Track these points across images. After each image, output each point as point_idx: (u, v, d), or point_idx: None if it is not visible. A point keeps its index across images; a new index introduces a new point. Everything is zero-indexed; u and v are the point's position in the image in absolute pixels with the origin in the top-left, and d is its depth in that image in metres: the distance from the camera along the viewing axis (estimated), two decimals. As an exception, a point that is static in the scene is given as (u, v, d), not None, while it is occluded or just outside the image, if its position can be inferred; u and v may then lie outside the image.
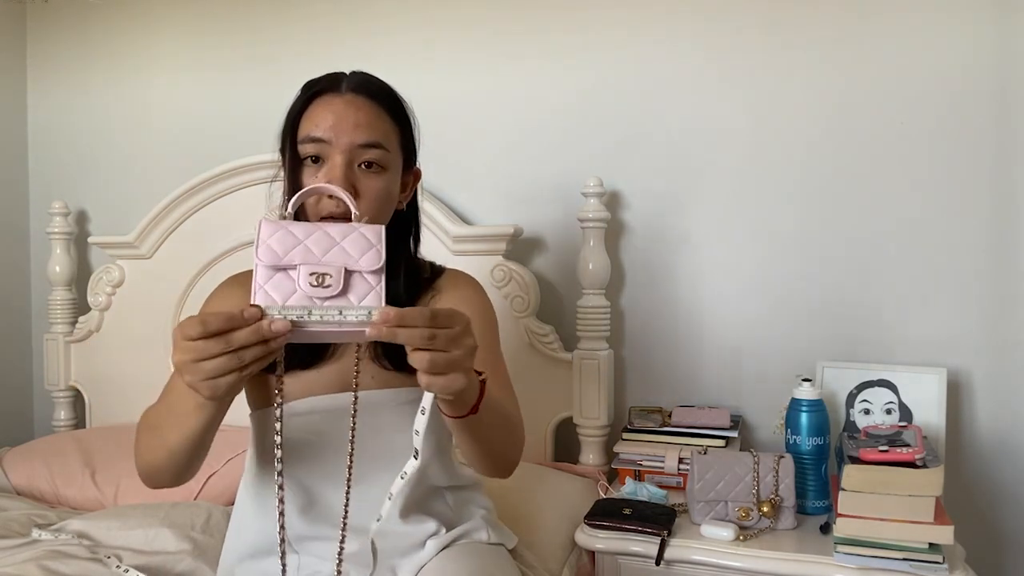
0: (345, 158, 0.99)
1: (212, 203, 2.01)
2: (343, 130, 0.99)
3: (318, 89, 1.03)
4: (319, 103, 1.02)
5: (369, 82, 1.06)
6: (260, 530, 1.06)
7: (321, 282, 0.73)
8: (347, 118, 1.00)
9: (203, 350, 0.72)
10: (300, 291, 0.73)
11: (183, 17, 2.20)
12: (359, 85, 1.04)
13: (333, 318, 0.71)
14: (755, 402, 1.74)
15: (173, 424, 0.89)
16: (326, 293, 0.73)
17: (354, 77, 1.05)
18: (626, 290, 1.85)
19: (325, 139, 0.99)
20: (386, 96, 1.06)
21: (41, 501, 1.69)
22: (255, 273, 0.75)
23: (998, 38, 1.57)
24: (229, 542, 1.14)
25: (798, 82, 1.70)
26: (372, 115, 1.02)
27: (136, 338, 2.08)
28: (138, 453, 0.98)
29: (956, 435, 1.61)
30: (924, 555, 1.19)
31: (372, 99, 1.03)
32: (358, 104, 1.02)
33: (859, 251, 1.67)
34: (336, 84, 1.03)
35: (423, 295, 1.12)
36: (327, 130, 0.99)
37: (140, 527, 1.37)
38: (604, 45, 1.83)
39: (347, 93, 1.02)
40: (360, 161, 1.00)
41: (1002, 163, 1.58)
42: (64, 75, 2.33)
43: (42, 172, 2.37)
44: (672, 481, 1.58)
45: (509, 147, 1.91)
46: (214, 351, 0.72)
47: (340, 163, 0.99)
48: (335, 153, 0.99)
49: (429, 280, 1.13)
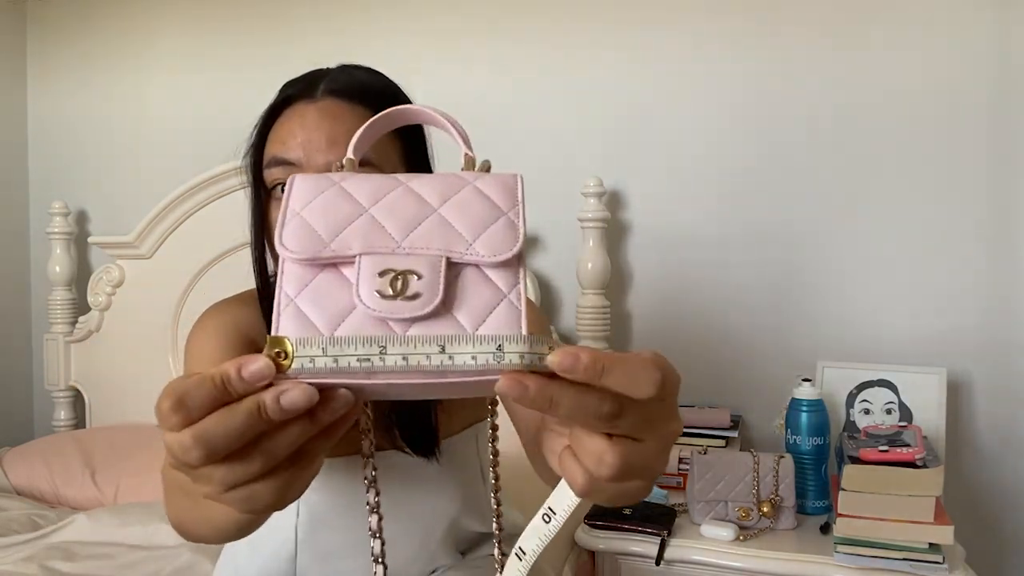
0: None
1: (212, 203, 2.01)
2: (316, 148, 0.76)
3: (289, 94, 0.81)
4: (289, 113, 0.80)
5: (355, 79, 0.82)
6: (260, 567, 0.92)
7: (402, 288, 0.39)
8: (320, 133, 0.77)
9: (184, 455, 0.39)
10: (362, 307, 0.39)
11: (183, 17, 2.20)
12: (341, 87, 0.80)
13: (428, 362, 0.37)
14: (755, 402, 1.74)
15: (208, 520, 0.56)
16: (412, 311, 0.39)
17: (336, 76, 0.82)
18: (626, 290, 1.85)
19: (294, 161, 0.77)
20: (375, 97, 0.80)
21: (41, 501, 1.69)
22: (279, 276, 0.42)
23: (998, 38, 1.58)
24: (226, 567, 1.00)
25: (798, 82, 1.70)
26: (355, 125, 0.71)
27: (136, 338, 2.08)
28: (171, 513, 0.67)
29: (956, 435, 1.61)
30: (924, 555, 1.19)
31: (357, 102, 0.80)
32: (336, 112, 0.78)
33: (859, 251, 1.67)
34: (311, 88, 0.80)
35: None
36: (296, 148, 0.77)
37: (139, 523, 1.38)
38: (604, 45, 1.83)
39: (323, 98, 0.79)
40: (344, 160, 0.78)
41: (1002, 163, 1.58)
42: (64, 75, 2.33)
43: (42, 172, 2.37)
44: (672, 481, 1.58)
45: (509, 147, 1.91)
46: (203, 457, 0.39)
47: None
48: None
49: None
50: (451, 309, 0.39)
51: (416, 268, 0.39)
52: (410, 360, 0.37)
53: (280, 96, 0.82)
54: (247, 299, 0.91)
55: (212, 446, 0.39)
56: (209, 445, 0.39)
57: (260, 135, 0.83)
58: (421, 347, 0.37)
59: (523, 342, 0.37)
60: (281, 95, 0.83)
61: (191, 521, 0.62)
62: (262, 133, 0.82)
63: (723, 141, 1.76)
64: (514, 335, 0.37)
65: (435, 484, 0.90)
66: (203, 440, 0.38)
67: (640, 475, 0.43)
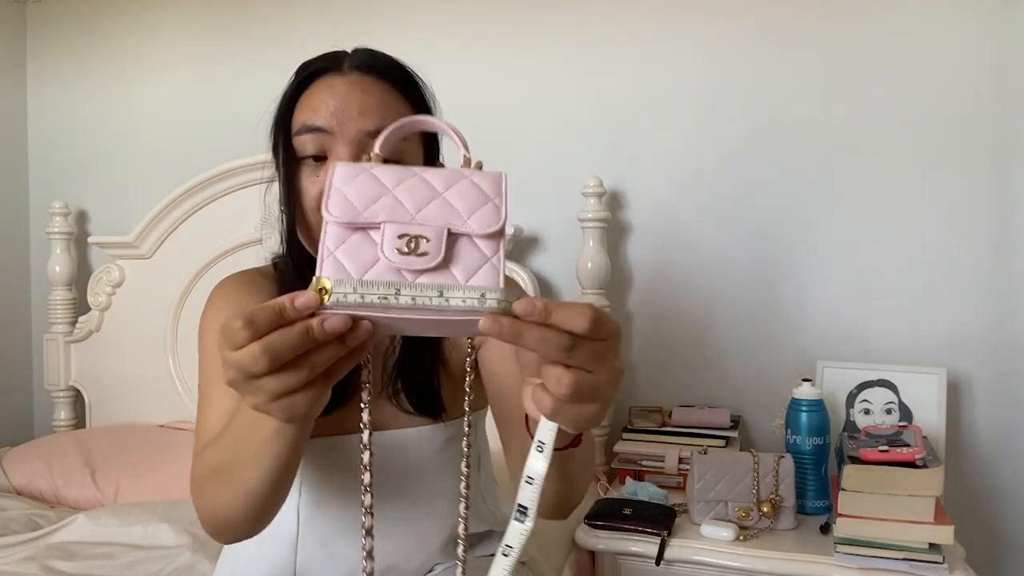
0: (352, 150, 0.82)
1: (212, 203, 2.01)
2: (348, 116, 0.82)
3: (315, 69, 0.86)
4: (317, 86, 0.85)
5: (376, 58, 0.88)
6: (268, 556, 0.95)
7: (414, 248, 0.52)
8: (352, 102, 0.83)
9: (253, 364, 0.51)
10: (384, 260, 0.52)
11: (183, 17, 2.20)
12: (364, 62, 0.86)
13: (430, 303, 0.50)
14: (755, 402, 1.74)
15: (246, 461, 0.67)
16: (420, 264, 0.51)
17: (358, 54, 0.88)
18: (626, 290, 1.85)
19: (327, 128, 0.82)
20: (398, 73, 0.88)
21: (41, 501, 1.69)
22: (323, 234, 0.54)
23: (998, 38, 1.58)
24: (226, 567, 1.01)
25: (797, 82, 1.70)
26: (383, 97, 0.85)
27: (136, 338, 2.08)
28: (203, 507, 0.77)
29: (956, 435, 1.61)
30: (924, 555, 1.19)
31: (381, 78, 0.86)
32: (364, 85, 0.84)
33: (859, 251, 1.67)
34: (337, 63, 0.86)
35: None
36: (328, 117, 0.82)
37: (139, 523, 1.37)
38: (604, 45, 1.83)
39: (350, 72, 0.85)
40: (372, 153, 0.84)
41: (1002, 163, 1.58)
42: (64, 75, 2.33)
43: (42, 172, 2.37)
44: (672, 481, 1.58)
45: (509, 147, 1.91)
46: (268, 364, 0.51)
47: (347, 157, 0.81)
48: (339, 145, 0.82)
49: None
50: (448, 266, 0.52)
51: (425, 234, 0.53)
52: (416, 300, 0.50)
53: (306, 71, 0.87)
54: (258, 273, 0.96)
55: (275, 355, 0.51)
56: (273, 353, 0.51)
57: (288, 106, 0.86)
58: (425, 291, 0.51)
59: (500, 292, 0.51)
60: (307, 70, 0.87)
61: (226, 497, 0.72)
62: (290, 104, 0.86)
63: (723, 141, 1.76)
64: (493, 287, 0.51)
65: (434, 465, 0.92)
66: (269, 349, 0.51)
67: (592, 399, 0.54)
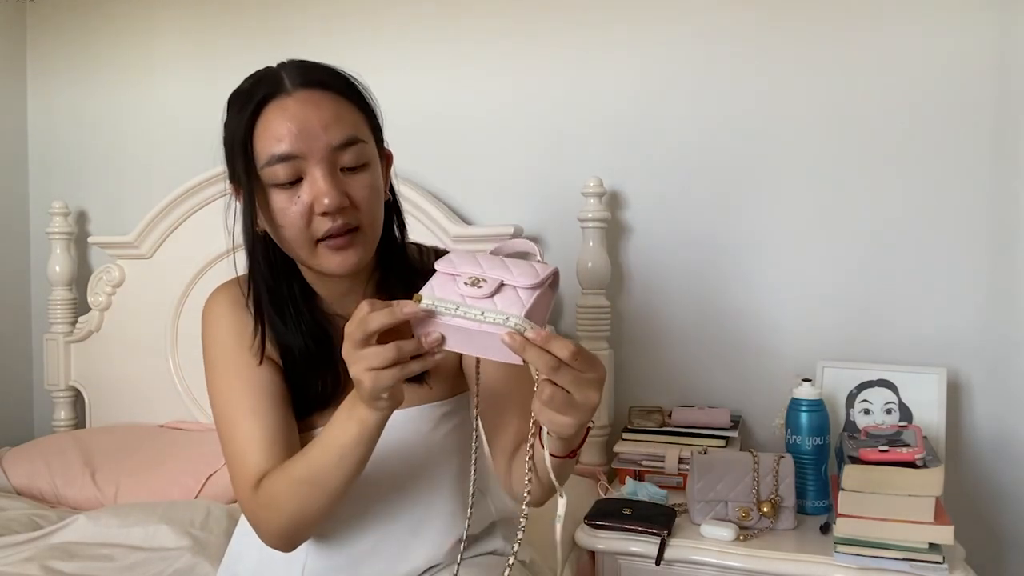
0: (325, 167, 0.85)
1: (212, 203, 2.01)
2: (313, 136, 0.84)
3: (259, 98, 0.86)
4: (269, 113, 0.85)
5: (317, 70, 0.89)
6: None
7: (475, 284, 0.74)
8: (312, 120, 0.84)
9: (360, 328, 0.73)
10: (457, 291, 0.75)
11: (183, 17, 2.20)
12: (305, 78, 0.87)
13: (474, 317, 0.72)
14: (755, 402, 1.74)
15: (335, 465, 0.82)
16: (476, 293, 0.74)
17: (295, 70, 0.88)
18: (626, 290, 1.85)
19: (296, 154, 0.84)
20: (340, 82, 0.90)
21: (41, 501, 1.69)
22: (432, 278, 0.77)
23: (999, 37, 1.57)
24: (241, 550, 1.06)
25: (797, 82, 1.70)
26: (336, 107, 0.87)
27: (136, 338, 2.08)
28: (282, 514, 0.87)
29: (956, 435, 1.61)
30: (924, 555, 1.19)
31: (326, 89, 0.88)
32: (314, 100, 0.86)
33: (859, 251, 1.67)
34: (278, 84, 0.87)
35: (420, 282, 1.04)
36: (294, 142, 0.84)
37: (139, 524, 1.37)
38: (604, 45, 1.83)
39: (296, 91, 0.86)
40: (342, 165, 0.86)
41: (1002, 162, 1.58)
42: (64, 75, 2.33)
43: (42, 172, 2.37)
44: (672, 481, 1.58)
45: (509, 147, 1.91)
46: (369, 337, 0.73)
47: (322, 175, 0.84)
48: (312, 166, 0.84)
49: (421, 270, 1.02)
50: (494, 299, 0.74)
51: (486, 278, 0.75)
52: (467, 314, 0.73)
53: (248, 102, 0.87)
54: (240, 283, 1.01)
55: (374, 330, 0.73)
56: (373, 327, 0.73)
57: (244, 137, 0.87)
58: (473, 310, 0.73)
59: (519, 319, 0.71)
60: (249, 101, 0.87)
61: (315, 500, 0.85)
62: (246, 135, 0.87)
63: (723, 141, 1.76)
64: (516, 315, 0.72)
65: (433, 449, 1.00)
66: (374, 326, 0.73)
67: (565, 412, 0.72)
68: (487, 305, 0.73)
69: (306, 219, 0.86)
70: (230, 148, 0.90)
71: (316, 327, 0.95)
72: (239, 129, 0.87)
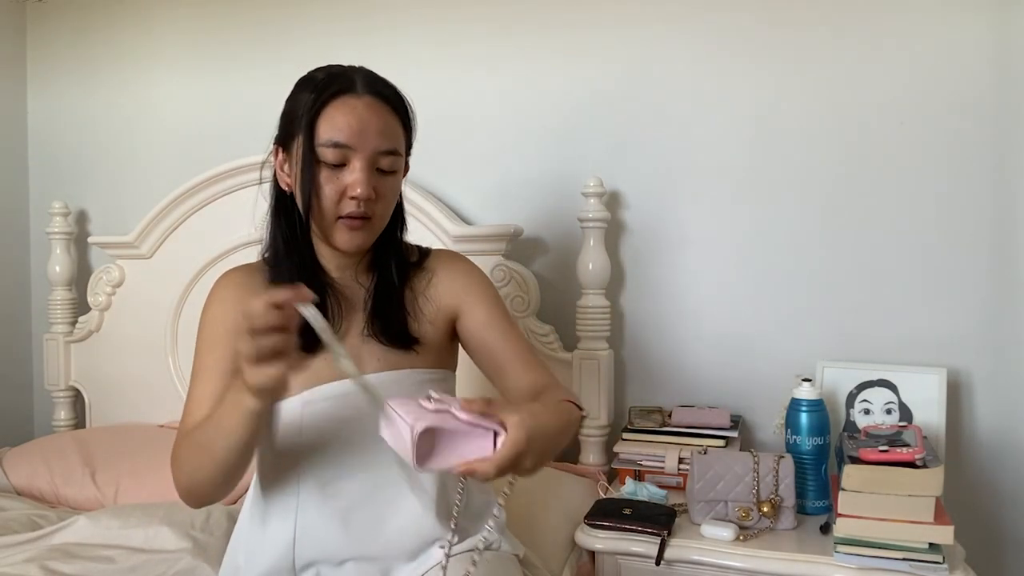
0: (367, 163, 1.01)
1: (212, 203, 2.01)
2: (367, 137, 1.01)
3: (335, 90, 1.02)
4: (338, 105, 1.01)
5: (384, 84, 1.06)
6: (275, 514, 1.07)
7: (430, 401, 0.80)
8: (371, 124, 1.01)
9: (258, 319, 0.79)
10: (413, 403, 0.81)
11: (183, 17, 2.20)
12: (375, 88, 1.04)
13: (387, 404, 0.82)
14: (755, 402, 1.74)
15: (222, 439, 0.91)
16: (426, 404, 0.80)
17: (366, 77, 1.05)
18: (626, 290, 1.85)
19: (349, 144, 1.00)
20: (399, 100, 1.07)
21: (41, 501, 1.69)
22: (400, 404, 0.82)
23: (998, 38, 1.57)
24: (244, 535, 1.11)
25: (798, 82, 1.70)
26: (391, 121, 1.04)
27: (136, 338, 2.08)
28: (182, 471, 1.00)
29: (956, 435, 1.61)
30: (924, 555, 1.19)
31: (388, 103, 1.04)
32: (378, 109, 1.03)
33: (859, 251, 1.67)
34: (351, 85, 1.03)
35: (416, 278, 1.15)
36: (351, 136, 1.00)
37: (139, 526, 1.37)
38: (604, 45, 1.83)
39: (364, 95, 1.02)
40: (378, 166, 1.03)
41: (1002, 162, 1.58)
42: (64, 75, 2.33)
43: (42, 172, 2.37)
44: (672, 481, 1.58)
45: (509, 147, 1.91)
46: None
47: (362, 168, 1.01)
48: (357, 159, 1.01)
49: (418, 263, 1.16)
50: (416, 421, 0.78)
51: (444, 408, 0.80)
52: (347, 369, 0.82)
53: (323, 91, 1.01)
54: (253, 268, 1.14)
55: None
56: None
57: (311, 117, 1.01)
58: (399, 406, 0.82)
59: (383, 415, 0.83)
60: (324, 90, 1.01)
61: (203, 465, 0.95)
62: (313, 116, 1.01)
63: (723, 141, 1.76)
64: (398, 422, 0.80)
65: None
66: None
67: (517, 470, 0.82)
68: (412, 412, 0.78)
69: (338, 196, 1.02)
70: (291, 119, 1.04)
71: (315, 278, 1.07)
72: (309, 108, 1.01)
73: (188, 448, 0.99)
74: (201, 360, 1.07)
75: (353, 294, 1.11)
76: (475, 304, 1.13)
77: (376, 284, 1.11)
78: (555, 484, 1.60)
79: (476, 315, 1.12)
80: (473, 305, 1.13)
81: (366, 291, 1.11)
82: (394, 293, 1.11)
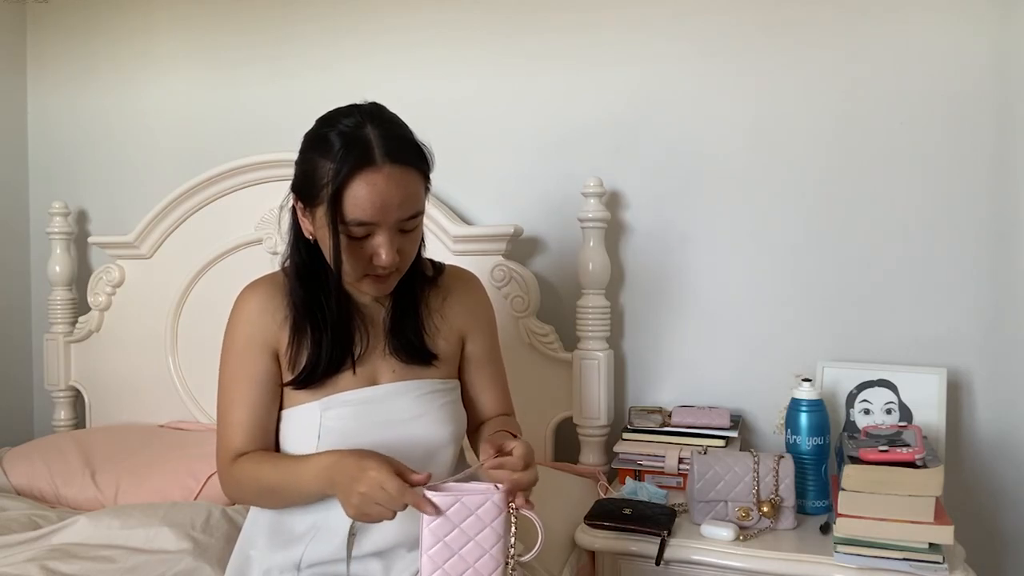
0: (391, 234, 1.04)
1: (212, 203, 2.01)
2: (390, 211, 1.02)
3: (353, 164, 1.00)
4: (360, 182, 1.00)
5: (399, 144, 1.04)
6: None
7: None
8: (393, 199, 1.02)
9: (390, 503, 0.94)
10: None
11: (183, 17, 2.20)
12: (393, 155, 1.02)
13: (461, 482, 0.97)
14: (755, 402, 1.74)
15: (294, 496, 1.09)
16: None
17: (383, 140, 1.02)
18: (626, 290, 1.85)
19: (373, 222, 1.02)
20: (416, 156, 1.06)
21: (41, 501, 1.69)
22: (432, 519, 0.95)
23: (998, 38, 1.57)
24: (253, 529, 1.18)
25: (798, 83, 1.70)
26: (412, 186, 1.05)
27: (136, 338, 2.08)
28: (244, 497, 1.14)
29: (956, 435, 1.61)
30: (924, 555, 1.19)
31: (407, 166, 1.04)
32: (399, 179, 1.02)
33: (859, 251, 1.67)
34: (370, 156, 1.00)
35: (430, 294, 1.20)
36: (375, 214, 1.02)
37: (140, 526, 1.37)
38: (604, 45, 1.83)
39: (385, 166, 1.01)
40: (402, 228, 1.06)
41: (1002, 163, 1.58)
42: (64, 75, 2.33)
43: (42, 172, 2.37)
44: (672, 481, 1.58)
45: (509, 147, 1.91)
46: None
47: (386, 240, 1.04)
48: (381, 231, 1.04)
49: (433, 279, 1.22)
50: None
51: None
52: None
53: (344, 163, 1.00)
54: (273, 280, 1.17)
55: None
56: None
57: (334, 193, 1.01)
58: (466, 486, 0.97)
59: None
60: (344, 162, 1.00)
61: (269, 503, 1.14)
62: (335, 193, 1.01)
63: (723, 141, 1.76)
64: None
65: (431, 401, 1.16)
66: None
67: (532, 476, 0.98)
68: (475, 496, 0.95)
69: (364, 263, 1.06)
70: (310, 183, 1.04)
71: (341, 305, 1.12)
72: (330, 182, 1.00)
73: (255, 489, 1.11)
74: (230, 374, 1.14)
75: (373, 312, 1.17)
76: (479, 333, 1.25)
77: (395, 304, 1.17)
78: (555, 484, 1.59)
79: (477, 343, 1.24)
80: (477, 333, 1.25)
81: (385, 310, 1.17)
82: (413, 312, 1.17)
